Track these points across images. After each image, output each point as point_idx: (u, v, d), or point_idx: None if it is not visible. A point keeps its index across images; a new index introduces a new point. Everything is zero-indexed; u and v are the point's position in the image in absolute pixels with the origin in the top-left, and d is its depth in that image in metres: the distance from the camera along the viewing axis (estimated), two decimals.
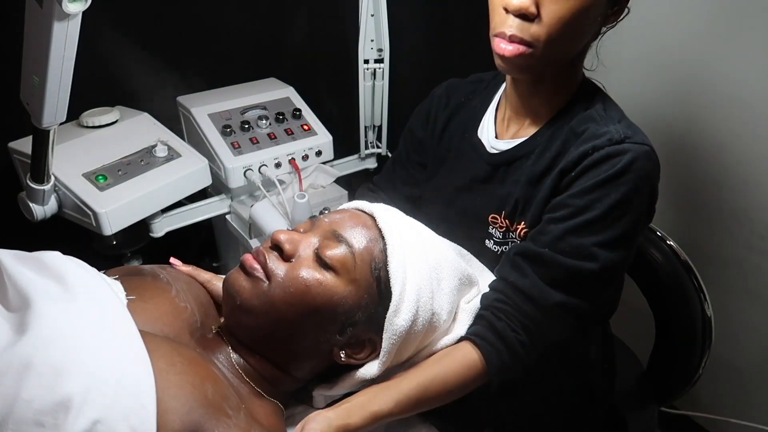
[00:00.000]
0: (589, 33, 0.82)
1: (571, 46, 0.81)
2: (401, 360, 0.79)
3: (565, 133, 0.85)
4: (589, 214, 0.78)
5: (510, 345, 0.79)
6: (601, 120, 0.83)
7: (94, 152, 1.20)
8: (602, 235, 0.78)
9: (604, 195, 0.77)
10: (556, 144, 0.85)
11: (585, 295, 0.80)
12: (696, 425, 1.59)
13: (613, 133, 0.80)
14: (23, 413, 0.53)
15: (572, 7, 0.75)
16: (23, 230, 1.21)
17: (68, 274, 0.67)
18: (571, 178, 0.81)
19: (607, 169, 0.78)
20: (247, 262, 0.74)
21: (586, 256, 0.78)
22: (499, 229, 0.91)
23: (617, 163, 0.77)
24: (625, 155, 0.77)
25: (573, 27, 0.77)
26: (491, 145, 0.94)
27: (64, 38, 0.80)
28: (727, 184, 1.36)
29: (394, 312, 0.74)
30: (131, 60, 1.43)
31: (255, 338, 0.76)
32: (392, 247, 0.76)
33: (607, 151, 0.78)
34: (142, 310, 0.71)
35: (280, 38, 1.61)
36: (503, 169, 0.91)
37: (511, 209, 0.89)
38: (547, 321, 0.80)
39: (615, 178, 0.77)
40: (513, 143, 0.91)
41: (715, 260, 1.40)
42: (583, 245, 0.78)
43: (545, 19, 0.76)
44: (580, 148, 0.81)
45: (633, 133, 0.81)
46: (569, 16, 0.76)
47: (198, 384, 0.64)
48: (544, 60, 0.80)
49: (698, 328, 1.09)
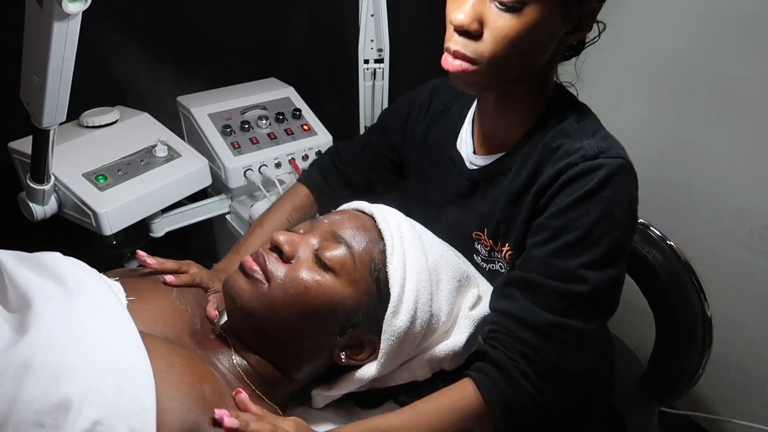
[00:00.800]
0: (542, 51, 0.77)
1: (522, 64, 0.77)
2: (400, 361, 0.79)
3: (540, 149, 0.82)
4: (569, 236, 0.75)
5: (508, 373, 0.75)
6: (574, 134, 0.80)
7: (94, 152, 1.20)
8: (587, 256, 0.75)
9: (583, 213, 0.75)
10: (532, 161, 0.82)
11: (579, 316, 0.76)
12: (696, 425, 1.59)
13: (587, 149, 0.77)
14: (23, 414, 0.53)
15: (517, 25, 0.72)
16: (23, 230, 1.21)
17: (68, 275, 0.67)
18: (548, 197, 0.78)
19: (582, 186, 0.75)
20: (247, 264, 0.74)
21: (575, 279, 0.75)
22: (484, 246, 0.90)
23: (592, 179, 0.75)
24: (600, 170, 0.75)
25: (520, 45, 0.73)
26: (470, 160, 0.92)
27: (64, 38, 0.80)
28: (727, 184, 1.36)
29: (393, 313, 0.74)
30: (131, 60, 1.43)
31: (256, 339, 0.76)
32: (391, 248, 0.76)
33: (582, 168, 0.76)
34: (141, 312, 0.71)
35: (280, 38, 1.61)
36: (483, 185, 0.90)
37: (494, 230, 0.87)
38: (544, 345, 0.75)
39: (591, 194, 0.75)
40: (490, 159, 0.89)
41: (715, 260, 1.40)
42: (570, 268, 0.75)
43: (489, 37, 0.73)
44: (555, 167, 0.78)
45: (608, 146, 0.77)
46: (515, 35, 0.72)
47: (196, 384, 0.64)
48: (494, 78, 0.77)
49: (698, 328, 1.09)
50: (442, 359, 0.81)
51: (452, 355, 0.81)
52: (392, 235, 0.77)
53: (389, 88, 1.53)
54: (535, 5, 0.71)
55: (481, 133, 0.91)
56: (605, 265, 0.75)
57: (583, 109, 0.86)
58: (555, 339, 0.75)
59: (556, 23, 0.74)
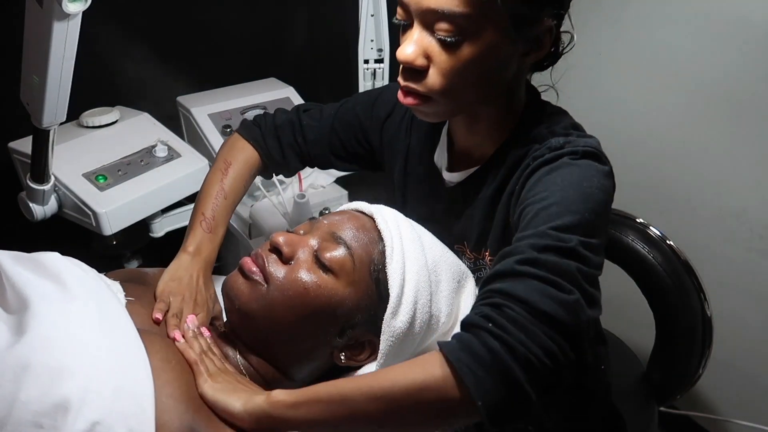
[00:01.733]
0: (501, 73, 0.75)
1: (480, 90, 0.76)
2: (399, 362, 0.79)
3: (510, 159, 0.81)
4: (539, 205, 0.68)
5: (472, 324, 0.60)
6: (543, 139, 0.79)
7: (94, 152, 1.20)
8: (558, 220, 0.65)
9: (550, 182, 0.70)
10: (503, 171, 0.81)
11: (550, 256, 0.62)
12: (696, 425, 1.58)
13: (552, 143, 0.76)
14: (22, 415, 0.53)
15: (461, 58, 0.70)
16: (23, 230, 1.21)
17: (67, 275, 0.67)
18: (517, 192, 0.77)
19: (547, 167, 0.73)
20: (246, 266, 0.74)
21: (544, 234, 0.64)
22: (467, 258, 0.90)
23: (557, 159, 0.73)
24: (565, 156, 0.72)
25: (470, 75, 0.72)
26: (445, 177, 0.91)
27: (64, 38, 0.81)
28: (727, 184, 1.36)
29: (392, 314, 0.74)
30: (131, 60, 1.43)
31: (255, 340, 0.76)
32: (391, 248, 0.76)
33: (546, 157, 0.74)
34: (140, 312, 0.71)
35: (280, 38, 1.61)
36: (459, 203, 0.89)
37: (475, 244, 0.87)
38: (511, 283, 0.61)
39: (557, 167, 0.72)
40: (464, 175, 0.87)
41: (715, 260, 1.40)
42: (540, 230, 0.65)
43: (434, 71, 0.72)
44: (525, 168, 0.77)
45: (575, 138, 0.76)
46: (460, 67, 0.71)
47: (193, 381, 0.64)
48: (452, 106, 0.77)
49: (698, 328, 1.09)
50: None
51: None
52: (392, 236, 0.77)
53: None
54: (474, 38, 0.69)
55: (455, 149, 0.90)
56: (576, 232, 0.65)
57: (555, 115, 0.83)
58: (523, 275, 0.61)
59: (505, 48, 0.72)
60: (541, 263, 0.61)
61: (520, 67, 0.78)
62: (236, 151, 1.02)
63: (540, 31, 0.73)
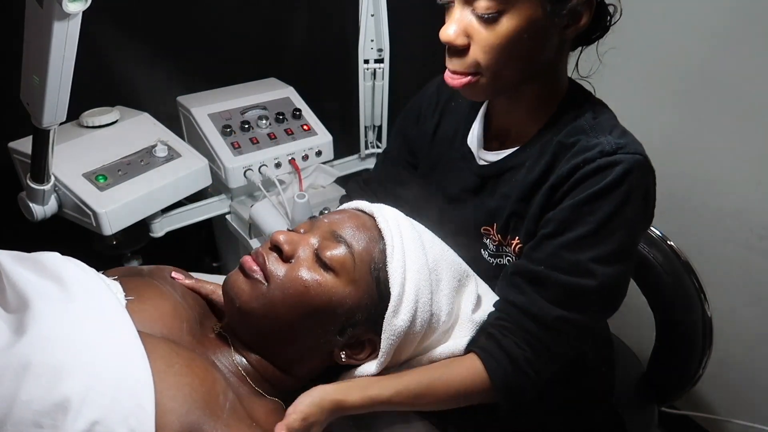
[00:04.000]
0: (541, 49, 0.78)
1: (522, 66, 0.78)
2: (400, 361, 0.79)
3: (555, 146, 0.82)
4: (582, 229, 0.76)
5: (515, 360, 0.78)
6: (591, 131, 0.81)
7: (94, 152, 1.20)
8: (597, 250, 0.76)
9: (597, 208, 0.75)
10: (546, 157, 0.83)
11: (585, 311, 0.78)
12: (696, 425, 1.58)
13: (604, 145, 0.77)
14: (22, 414, 0.53)
15: (500, 34, 0.73)
16: (23, 230, 1.21)
17: (67, 275, 0.67)
18: (563, 192, 0.79)
19: (598, 181, 0.75)
20: (246, 264, 0.74)
21: (584, 272, 0.76)
22: (492, 241, 0.90)
23: (609, 175, 0.75)
24: (617, 167, 0.75)
25: (512, 51, 0.74)
26: (480, 156, 0.92)
27: (64, 38, 0.80)
28: (727, 184, 1.36)
29: (393, 312, 0.74)
30: (131, 60, 1.43)
31: (255, 339, 0.76)
32: (391, 247, 0.76)
33: (599, 164, 0.76)
34: (140, 311, 0.71)
35: (280, 38, 1.61)
36: (492, 180, 0.90)
37: (504, 224, 0.88)
38: (549, 336, 0.78)
39: (607, 190, 0.75)
40: (501, 155, 0.89)
41: (715, 260, 1.40)
42: (580, 261, 0.76)
43: (476, 49, 0.75)
44: (571, 162, 0.78)
45: (625, 142, 0.78)
46: (501, 42, 0.73)
47: (196, 385, 0.64)
48: (497, 84, 0.79)
49: (698, 328, 1.09)
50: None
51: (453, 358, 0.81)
52: (392, 235, 0.77)
53: (389, 88, 1.53)
54: (512, 12, 0.72)
55: (493, 129, 0.92)
56: (614, 261, 0.76)
57: (599, 105, 0.86)
58: (560, 332, 0.78)
59: (543, 22, 0.74)
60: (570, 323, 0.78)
61: (561, 42, 0.79)
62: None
63: (577, 3, 0.75)
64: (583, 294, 0.77)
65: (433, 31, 0.79)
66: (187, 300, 0.81)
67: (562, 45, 0.80)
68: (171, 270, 0.87)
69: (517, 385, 0.78)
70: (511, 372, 0.77)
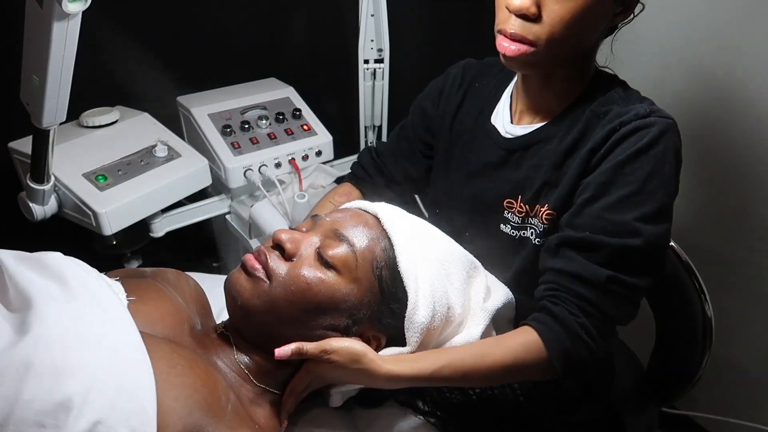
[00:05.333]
0: (594, 31, 0.81)
1: (576, 45, 0.81)
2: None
3: (587, 115, 0.85)
4: (624, 189, 0.78)
5: (569, 328, 0.77)
6: (622, 101, 0.84)
7: (94, 152, 1.20)
8: (642, 209, 0.77)
9: (637, 168, 0.78)
10: (579, 126, 0.85)
11: (635, 271, 0.79)
12: (696, 425, 1.59)
13: (639, 109, 0.80)
14: (24, 414, 0.53)
15: (574, 7, 0.75)
16: (23, 230, 1.21)
17: (69, 275, 0.67)
18: (601, 155, 0.81)
19: (636, 141, 0.78)
20: (249, 262, 0.74)
21: (630, 232, 0.77)
22: (517, 213, 0.91)
23: (645, 135, 0.78)
24: (653, 127, 0.78)
25: (576, 27, 0.77)
26: (506, 130, 0.94)
27: (64, 38, 0.80)
28: (727, 184, 1.36)
29: (413, 309, 0.75)
30: (131, 60, 1.43)
31: (258, 337, 0.76)
32: (399, 246, 0.77)
33: (635, 125, 0.79)
34: (142, 312, 0.71)
35: (280, 38, 1.61)
36: (519, 153, 0.91)
37: (534, 194, 0.88)
38: (601, 298, 0.78)
39: (645, 150, 0.78)
40: (530, 128, 0.91)
41: (715, 260, 1.40)
42: (625, 221, 0.77)
43: (547, 19, 0.76)
44: (606, 127, 0.81)
45: (657, 108, 0.82)
46: (571, 17, 0.76)
47: (198, 386, 0.64)
48: (549, 58, 0.80)
49: (698, 328, 1.09)
50: None
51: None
52: (397, 233, 0.78)
53: (389, 88, 1.53)
54: None
55: (521, 106, 0.93)
56: (658, 219, 0.78)
57: (626, 84, 0.90)
58: (612, 293, 0.78)
59: (607, 5, 0.78)
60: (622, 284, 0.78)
61: (604, 28, 0.83)
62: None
63: None
64: (631, 254, 0.78)
65: (433, 31, 0.80)
66: (188, 301, 0.82)
67: (602, 31, 0.84)
68: (173, 272, 0.87)
69: (574, 353, 0.78)
70: (567, 339, 0.77)
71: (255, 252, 0.75)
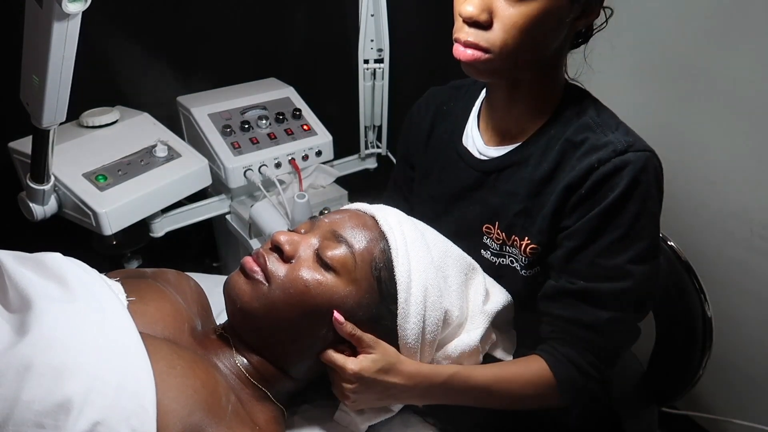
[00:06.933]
0: (553, 38, 0.78)
1: (533, 50, 0.78)
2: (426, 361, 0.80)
3: (562, 143, 0.83)
4: (614, 234, 0.78)
5: (580, 367, 0.81)
6: (598, 128, 0.82)
7: (94, 152, 1.20)
8: (633, 250, 0.79)
9: (623, 210, 0.77)
10: (553, 154, 0.83)
11: (630, 308, 0.81)
12: (696, 425, 1.58)
13: (615, 144, 0.79)
14: (24, 415, 0.53)
15: (527, 12, 0.73)
16: (23, 230, 1.21)
17: (69, 276, 0.67)
18: (581, 195, 0.80)
19: (618, 183, 0.77)
20: (247, 265, 0.74)
21: (623, 275, 0.79)
22: (495, 240, 0.90)
23: (626, 176, 0.77)
24: (632, 165, 0.77)
25: (531, 32, 0.74)
26: (480, 151, 0.92)
27: (64, 38, 0.80)
28: (727, 184, 1.36)
29: (404, 317, 0.75)
30: (131, 60, 1.43)
31: (257, 339, 0.76)
32: (396, 249, 0.77)
33: (614, 164, 0.77)
34: (142, 312, 0.71)
35: (280, 38, 1.61)
36: (494, 176, 0.90)
37: (509, 223, 0.88)
38: (605, 337, 0.82)
39: (629, 192, 0.77)
40: (504, 150, 0.89)
41: (715, 260, 1.40)
42: (618, 265, 0.79)
43: (499, 25, 0.74)
44: (584, 162, 0.79)
45: (633, 139, 0.80)
46: (524, 22, 0.73)
47: (198, 387, 0.64)
48: (507, 66, 0.78)
49: (698, 328, 1.09)
50: (458, 357, 0.81)
51: (468, 351, 0.81)
52: (395, 236, 0.78)
53: (389, 88, 1.53)
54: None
55: (491, 125, 0.92)
56: (648, 257, 0.80)
57: (598, 102, 0.88)
58: (613, 331, 0.82)
59: (564, 9, 0.75)
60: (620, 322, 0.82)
61: (567, 34, 0.80)
62: None
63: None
64: (625, 295, 0.80)
65: (433, 31, 0.79)
66: (189, 302, 0.81)
67: (567, 37, 0.81)
68: (173, 272, 0.87)
69: (582, 386, 0.82)
70: (579, 377, 0.81)
71: (254, 254, 0.75)
